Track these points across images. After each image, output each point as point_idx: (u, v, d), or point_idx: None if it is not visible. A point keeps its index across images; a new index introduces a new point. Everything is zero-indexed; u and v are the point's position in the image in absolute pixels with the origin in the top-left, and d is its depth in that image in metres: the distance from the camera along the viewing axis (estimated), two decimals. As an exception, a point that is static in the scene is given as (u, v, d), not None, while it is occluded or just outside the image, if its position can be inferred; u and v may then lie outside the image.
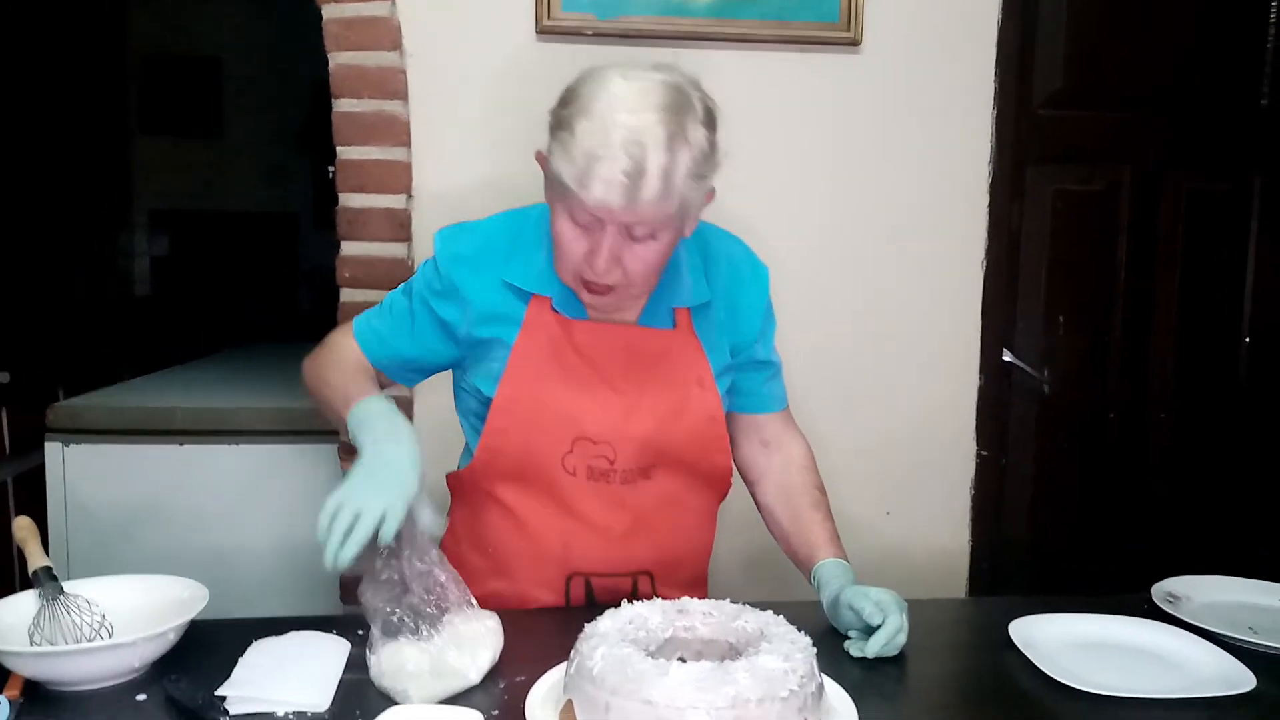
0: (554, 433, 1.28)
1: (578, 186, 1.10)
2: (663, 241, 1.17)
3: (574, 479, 1.29)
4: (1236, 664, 1.13)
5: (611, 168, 1.08)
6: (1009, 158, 2.12)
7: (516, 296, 1.29)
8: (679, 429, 1.31)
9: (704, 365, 1.33)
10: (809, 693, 0.91)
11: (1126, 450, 2.27)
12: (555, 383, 1.28)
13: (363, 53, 1.90)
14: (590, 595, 1.33)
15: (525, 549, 1.32)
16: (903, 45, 2.04)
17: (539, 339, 1.28)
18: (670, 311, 1.32)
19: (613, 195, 1.09)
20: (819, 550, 1.33)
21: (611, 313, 1.29)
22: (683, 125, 1.11)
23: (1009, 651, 1.18)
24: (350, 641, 1.17)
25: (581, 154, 1.09)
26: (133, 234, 6.03)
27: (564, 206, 1.16)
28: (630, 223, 1.13)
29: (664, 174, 1.09)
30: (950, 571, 2.19)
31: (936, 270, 2.12)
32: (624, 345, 1.30)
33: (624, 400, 1.29)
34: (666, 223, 1.15)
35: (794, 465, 1.43)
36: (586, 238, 1.16)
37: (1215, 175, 2.25)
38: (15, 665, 1.05)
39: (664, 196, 1.10)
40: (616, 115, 1.09)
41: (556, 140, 1.13)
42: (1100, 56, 2.16)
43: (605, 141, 1.08)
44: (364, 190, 1.93)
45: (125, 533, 2.07)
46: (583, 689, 0.92)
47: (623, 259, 1.16)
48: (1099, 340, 2.24)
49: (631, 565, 1.33)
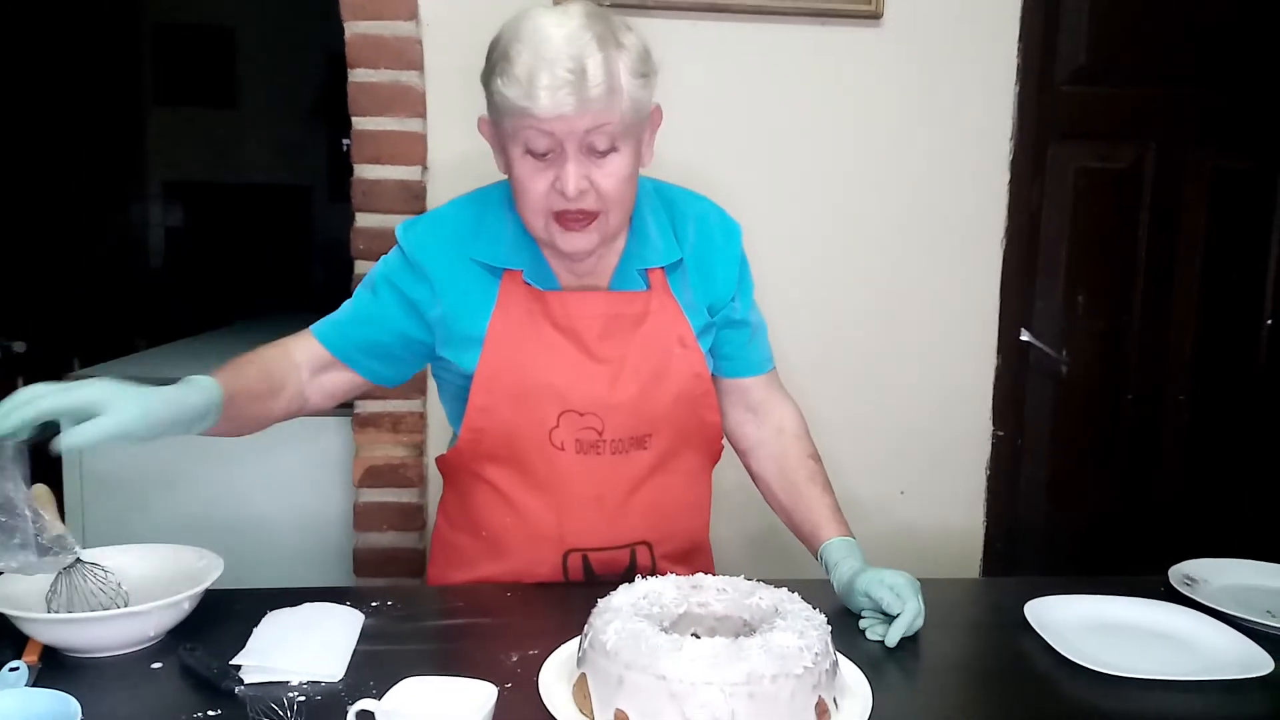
0: (538, 407, 1.26)
1: (528, 102, 1.10)
2: (626, 155, 1.17)
3: (563, 453, 1.27)
4: (1254, 647, 1.12)
5: (553, 73, 1.09)
6: (1030, 134, 2.10)
7: (488, 273, 1.27)
8: (665, 391, 1.29)
9: (684, 324, 1.31)
10: (823, 670, 0.91)
11: (1144, 432, 2.25)
12: (535, 356, 1.26)
13: (379, 22, 1.88)
14: (589, 570, 1.31)
15: (518, 529, 1.30)
16: (924, 19, 2.01)
17: (514, 314, 1.26)
18: (642, 274, 1.30)
19: (562, 99, 1.09)
20: (823, 528, 1.31)
21: (589, 257, 1.26)
22: (611, 29, 1.15)
23: (1024, 632, 1.17)
24: (364, 613, 1.17)
25: (524, 71, 1.10)
26: (147, 205, 6.04)
27: (519, 143, 1.15)
28: (587, 129, 1.13)
29: (605, 69, 1.11)
30: (964, 552, 2.18)
31: (955, 248, 2.10)
32: (601, 311, 1.28)
33: (607, 368, 1.27)
34: (622, 129, 1.15)
35: (786, 434, 1.40)
36: (550, 168, 1.16)
37: (1239, 154, 2.22)
38: (33, 631, 1.06)
39: (610, 91, 1.12)
40: (546, 31, 1.12)
41: (496, 77, 1.14)
42: (1124, 33, 2.13)
43: (542, 55, 1.10)
44: (379, 161, 1.92)
45: (140, 502, 2.08)
46: (596, 663, 0.92)
47: (592, 178, 1.16)
48: (1118, 320, 2.22)
49: (628, 537, 1.31)
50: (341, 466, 2.10)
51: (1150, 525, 2.26)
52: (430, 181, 1.95)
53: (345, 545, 2.04)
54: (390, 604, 1.23)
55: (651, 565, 1.33)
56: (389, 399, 1.96)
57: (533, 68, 1.10)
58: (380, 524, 1.98)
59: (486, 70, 1.17)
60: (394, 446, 1.97)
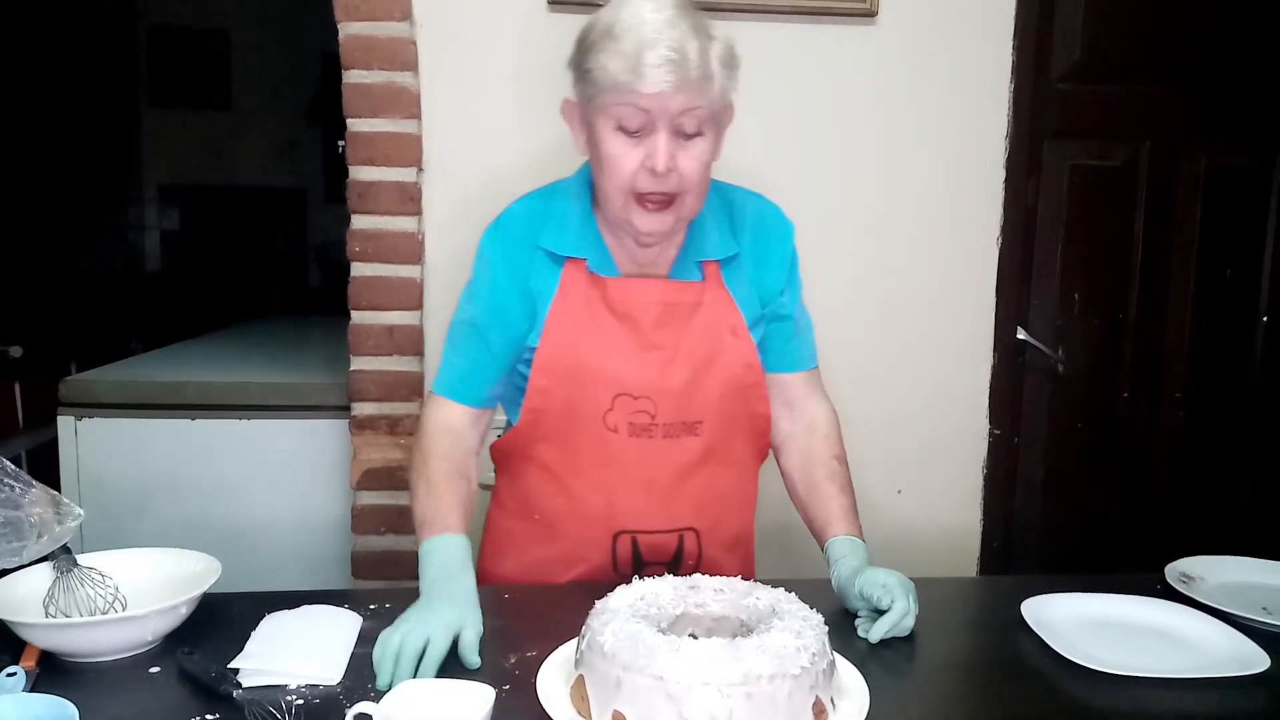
0: (594, 390, 1.30)
1: (632, 76, 1.16)
2: (708, 141, 1.23)
3: (616, 435, 1.31)
4: (1250, 644, 1.13)
5: (657, 53, 1.15)
6: (1026, 132, 2.10)
7: (552, 261, 1.32)
8: (715, 378, 1.33)
9: (736, 314, 1.34)
10: (820, 670, 0.91)
11: (1140, 430, 2.26)
12: (592, 340, 1.30)
13: (373, 23, 1.88)
14: (637, 553, 1.34)
15: (570, 509, 1.34)
16: (919, 17, 2.01)
17: (574, 299, 1.31)
18: (699, 265, 1.35)
19: (663, 76, 1.15)
20: (831, 525, 1.33)
21: (659, 241, 1.30)
22: (703, 22, 1.21)
23: (1021, 630, 1.18)
24: (361, 616, 1.17)
25: (630, 48, 1.16)
26: (142, 208, 6.03)
27: (611, 120, 1.20)
28: (681, 110, 1.18)
29: (701, 54, 1.18)
30: (961, 550, 2.19)
31: (951, 245, 2.10)
32: (657, 298, 1.32)
33: (660, 354, 1.31)
34: (709, 115, 1.21)
35: (817, 432, 1.42)
36: (638, 146, 1.21)
37: (1235, 151, 2.21)
38: (30, 636, 1.06)
39: (704, 77, 1.18)
40: (646, 15, 1.18)
41: (595, 55, 1.19)
42: (1120, 30, 2.12)
43: (647, 37, 1.16)
44: (374, 163, 1.92)
45: (138, 506, 2.08)
46: (594, 665, 0.92)
47: (677, 158, 1.20)
48: (1114, 318, 2.22)
49: (677, 522, 1.35)
50: (339, 469, 2.10)
51: (1146, 523, 2.26)
52: (425, 183, 1.95)
53: (343, 548, 2.04)
54: (389, 607, 1.23)
55: (698, 553, 1.36)
56: (386, 401, 1.96)
57: (638, 46, 1.16)
58: (378, 526, 1.98)
59: (581, 51, 1.23)
60: (391, 449, 1.97)
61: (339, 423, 2.07)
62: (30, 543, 1.05)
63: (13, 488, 1.07)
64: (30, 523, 1.06)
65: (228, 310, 4.70)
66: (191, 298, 5.59)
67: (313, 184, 5.97)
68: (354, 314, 1.95)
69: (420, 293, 1.96)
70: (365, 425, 1.97)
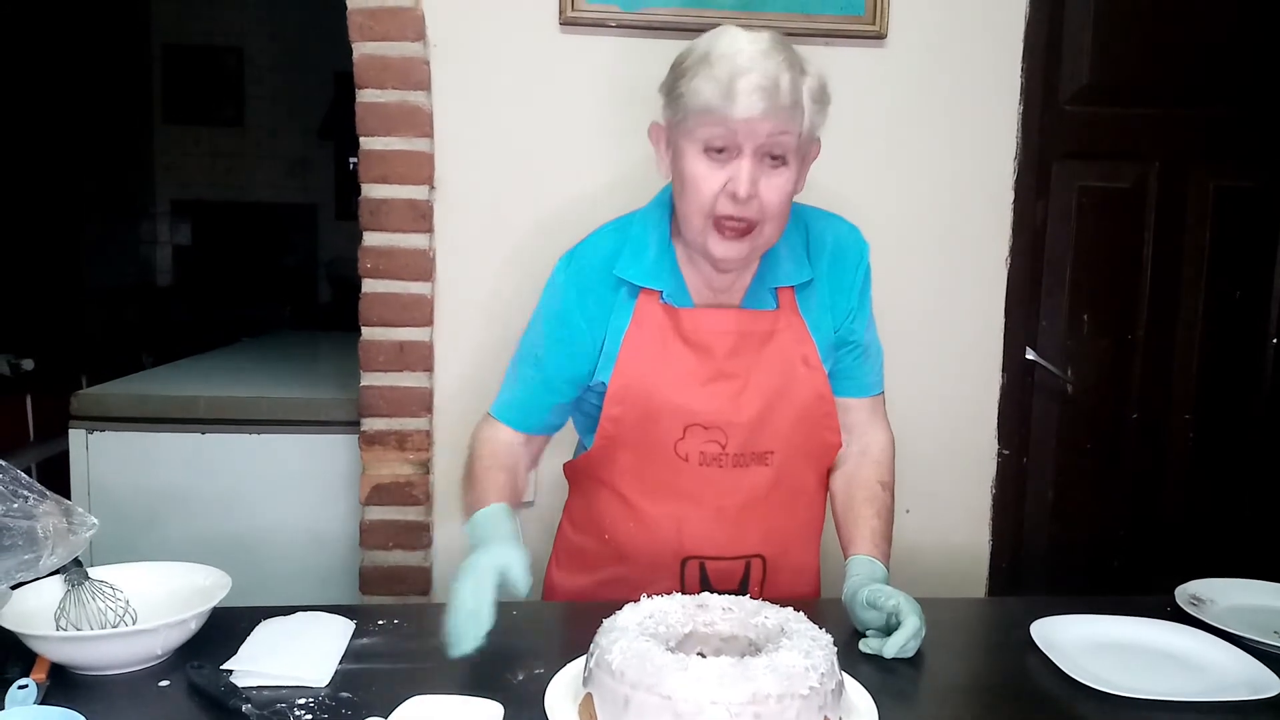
0: (666, 420, 1.31)
1: (724, 99, 1.16)
2: (792, 171, 1.24)
3: (687, 464, 1.32)
4: (1261, 668, 1.12)
5: (751, 79, 1.16)
6: (1034, 153, 2.10)
7: (627, 291, 1.33)
8: (787, 409, 1.33)
9: (809, 344, 1.34)
10: (829, 690, 0.91)
11: (1149, 451, 2.25)
12: (665, 371, 1.31)
13: (387, 43, 1.90)
14: (705, 579, 1.35)
15: (640, 534, 1.36)
16: (928, 39, 2.03)
17: (648, 329, 1.32)
18: (773, 293, 1.35)
19: (755, 101, 1.16)
20: (856, 544, 1.34)
21: (734, 268, 1.30)
22: (798, 57, 1.23)
23: (1030, 652, 1.17)
24: (371, 631, 1.18)
25: (724, 74, 1.17)
26: (155, 223, 6.07)
27: (698, 142, 1.21)
28: (769, 136, 1.19)
29: (793, 85, 1.19)
30: (970, 571, 2.18)
31: (960, 266, 2.10)
32: (731, 328, 1.33)
33: (732, 384, 1.32)
34: (796, 144, 1.22)
35: (868, 456, 1.43)
36: (722, 170, 1.21)
37: (1244, 173, 2.22)
38: (41, 649, 1.06)
39: (794, 106, 1.19)
40: (741, 45, 1.19)
41: (689, 79, 1.20)
42: (1128, 52, 2.13)
43: (741, 66, 1.17)
44: (386, 181, 1.93)
45: (148, 520, 2.09)
46: (602, 682, 0.92)
47: (760, 186, 1.21)
48: (1123, 339, 2.22)
49: (744, 549, 1.35)
50: (348, 484, 2.11)
51: (1156, 544, 2.25)
52: (437, 201, 1.96)
53: (352, 563, 2.04)
54: (397, 622, 1.23)
55: (763, 581, 1.37)
56: (396, 417, 1.97)
57: (733, 72, 1.17)
58: (386, 542, 1.99)
59: (675, 76, 1.24)
60: (401, 464, 1.97)
61: (349, 438, 2.08)
62: (44, 555, 1.06)
63: (26, 498, 1.08)
64: (44, 533, 1.07)
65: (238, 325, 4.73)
66: (203, 313, 5.62)
67: (324, 200, 6.00)
68: (365, 330, 1.96)
69: (431, 309, 1.97)
70: (375, 441, 1.97)
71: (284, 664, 1.06)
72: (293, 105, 5.86)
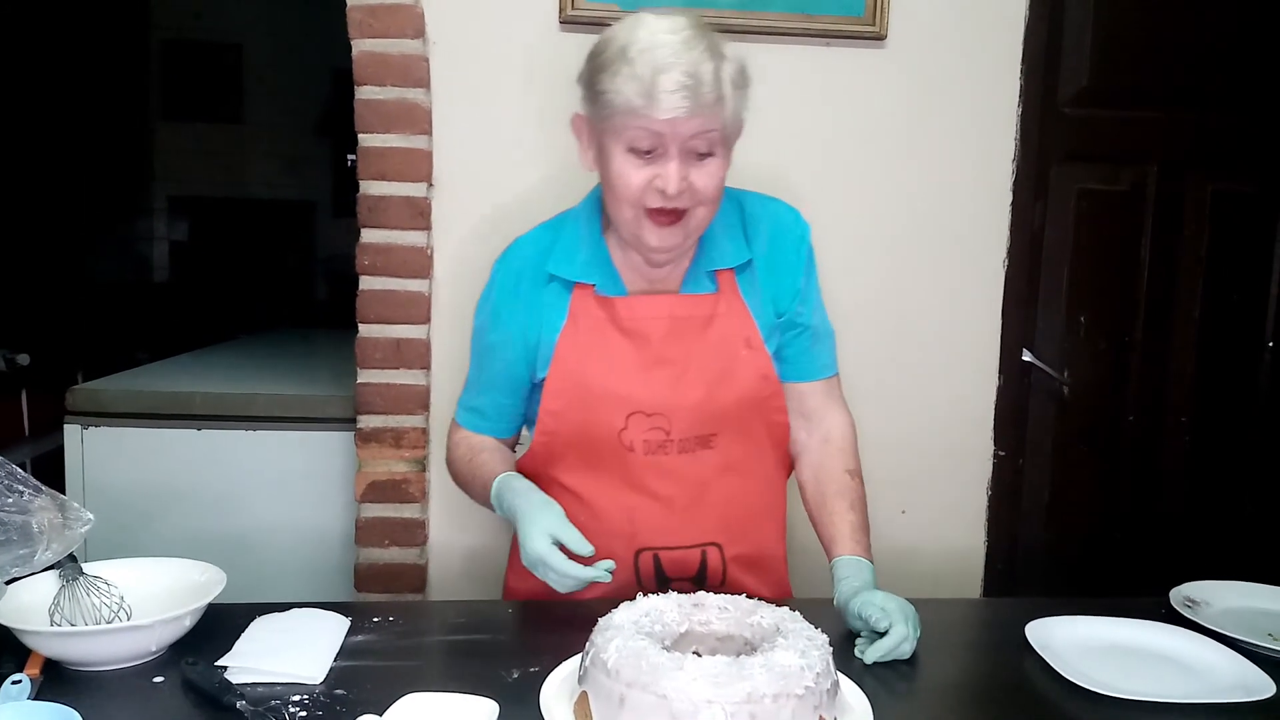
0: (607, 409, 1.31)
1: (646, 101, 1.16)
2: (721, 159, 1.23)
3: (633, 454, 1.32)
4: (1256, 670, 1.12)
5: (672, 78, 1.15)
6: (1033, 156, 2.10)
7: (562, 287, 1.33)
8: (730, 391, 1.33)
9: (751, 325, 1.34)
10: (824, 690, 0.91)
11: (1145, 453, 2.25)
12: (603, 360, 1.31)
13: (386, 40, 1.90)
14: (659, 570, 1.34)
15: (593, 528, 1.32)
16: (928, 40, 2.03)
17: (584, 323, 1.32)
18: (712, 276, 1.35)
19: (678, 102, 1.15)
20: (838, 544, 1.33)
21: (670, 256, 1.30)
22: (717, 42, 1.21)
23: (1025, 653, 1.18)
24: (367, 628, 1.18)
25: (645, 72, 1.16)
26: (152, 219, 6.06)
27: (622, 141, 1.21)
28: (693, 133, 1.18)
29: (715, 77, 1.18)
30: (965, 572, 2.18)
31: (957, 268, 2.10)
32: (665, 313, 1.32)
33: (672, 370, 1.31)
34: (722, 136, 1.22)
35: (830, 445, 1.42)
36: (649, 166, 1.21)
37: (1241, 177, 2.22)
38: (35, 644, 1.06)
39: (718, 100, 1.18)
40: (661, 37, 1.18)
41: (609, 76, 1.19)
42: (1127, 55, 2.14)
43: (662, 61, 1.16)
44: (384, 178, 1.93)
45: (143, 516, 2.08)
46: (598, 681, 0.92)
47: (690, 178, 1.21)
48: (1120, 342, 2.22)
49: (698, 537, 1.35)
50: (344, 481, 2.11)
51: (1151, 546, 2.25)
52: (435, 198, 1.96)
53: (347, 560, 2.04)
54: (392, 619, 1.23)
55: (722, 569, 1.36)
56: (391, 414, 1.97)
57: (653, 70, 1.16)
58: (382, 539, 1.98)
59: (594, 70, 1.23)
60: (396, 462, 1.97)
61: (344, 435, 2.08)
62: (40, 550, 1.06)
63: (21, 493, 1.08)
64: (40, 528, 1.07)
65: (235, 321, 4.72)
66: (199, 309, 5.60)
67: (322, 197, 5.99)
68: (362, 327, 1.96)
69: (429, 307, 1.97)
70: (371, 438, 1.97)
71: (279, 661, 1.06)
72: (291, 102, 5.84)
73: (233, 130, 5.94)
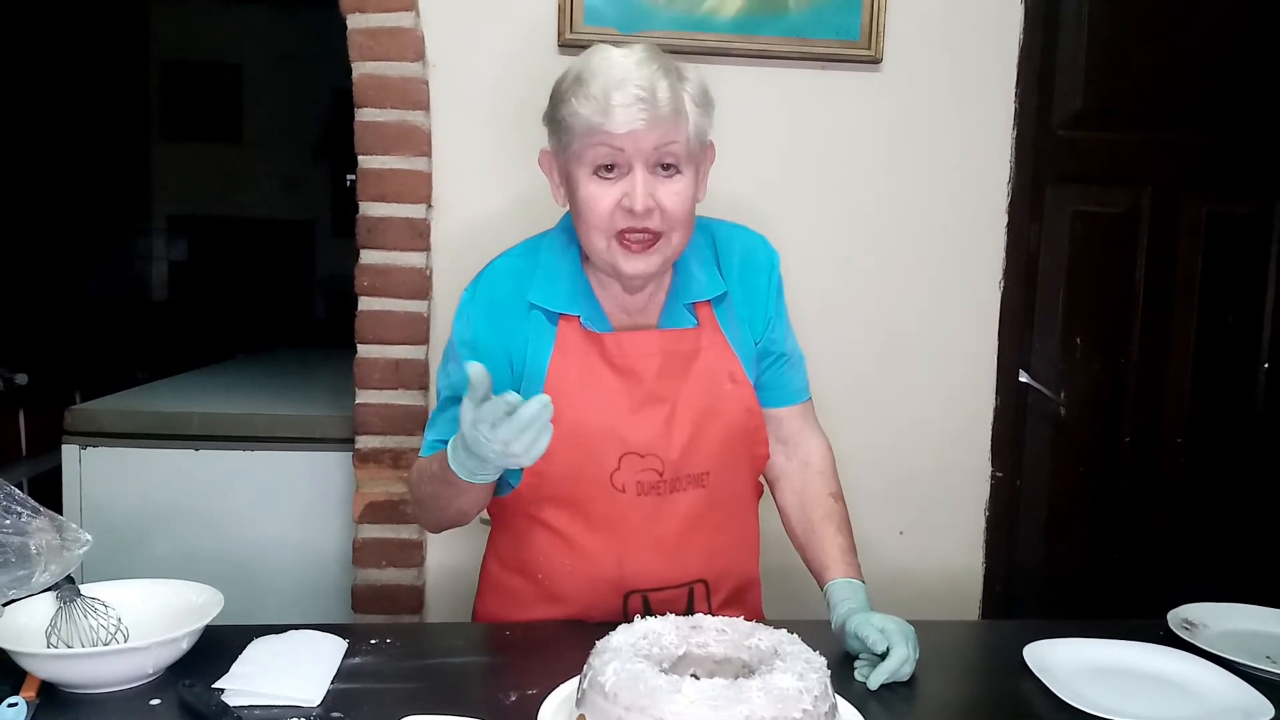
0: (600, 451, 1.27)
1: (602, 118, 1.16)
2: (689, 178, 1.23)
3: (624, 495, 1.28)
4: (1254, 693, 1.12)
5: (626, 93, 1.16)
6: (1028, 178, 2.12)
7: (545, 317, 1.30)
8: (718, 428, 1.31)
9: (733, 359, 1.33)
10: (822, 713, 0.91)
11: (1142, 474, 2.25)
12: (595, 400, 1.28)
13: (386, 63, 1.91)
14: (649, 611, 1.31)
15: (579, 571, 1.31)
16: (923, 64, 2.04)
17: (572, 356, 1.29)
18: (690, 310, 1.33)
19: (635, 114, 1.16)
20: (830, 569, 1.32)
21: (647, 284, 1.29)
22: (673, 65, 1.23)
23: (1023, 675, 1.17)
24: (364, 650, 1.17)
25: (599, 91, 1.17)
26: (151, 239, 6.08)
27: (587, 164, 1.21)
28: (655, 146, 1.18)
29: (672, 93, 1.19)
30: (963, 593, 2.18)
31: (954, 290, 2.11)
32: (655, 349, 1.30)
33: (663, 408, 1.29)
34: (686, 151, 1.22)
35: (811, 469, 1.41)
36: (616, 186, 1.20)
37: (1236, 198, 2.24)
38: (31, 666, 1.06)
39: (676, 113, 1.19)
40: (615, 60, 1.20)
41: (567, 102, 1.20)
42: (1121, 77, 2.15)
43: (615, 79, 1.18)
44: (384, 199, 1.94)
45: (141, 536, 2.08)
46: (595, 704, 0.92)
47: (657, 196, 1.20)
48: (1116, 363, 2.23)
49: (687, 575, 1.33)
50: (342, 502, 2.10)
51: (1149, 567, 2.25)
52: (435, 219, 1.97)
53: (344, 581, 2.03)
54: (389, 641, 1.23)
55: (709, 607, 1.34)
56: (389, 435, 1.97)
57: (606, 88, 1.17)
58: (379, 560, 1.98)
59: (555, 102, 1.24)
60: (394, 482, 1.97)
61: (342, 455, 2.08)
62: (38, 571, 1.05)
63: (19, 514, 1.08)
64: (38, 550, 1.07)
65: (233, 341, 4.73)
66: (197, 328, 5.61)
67: (320, 217, 6.02)
68: (360, 348, 1.96)
69: (427, 328, 1.98)
70: (369, 458, 1.97)
71: (276, 683, 1.06)
72: (290, 122, 5.88)
73: (232, 150, 5.98)
